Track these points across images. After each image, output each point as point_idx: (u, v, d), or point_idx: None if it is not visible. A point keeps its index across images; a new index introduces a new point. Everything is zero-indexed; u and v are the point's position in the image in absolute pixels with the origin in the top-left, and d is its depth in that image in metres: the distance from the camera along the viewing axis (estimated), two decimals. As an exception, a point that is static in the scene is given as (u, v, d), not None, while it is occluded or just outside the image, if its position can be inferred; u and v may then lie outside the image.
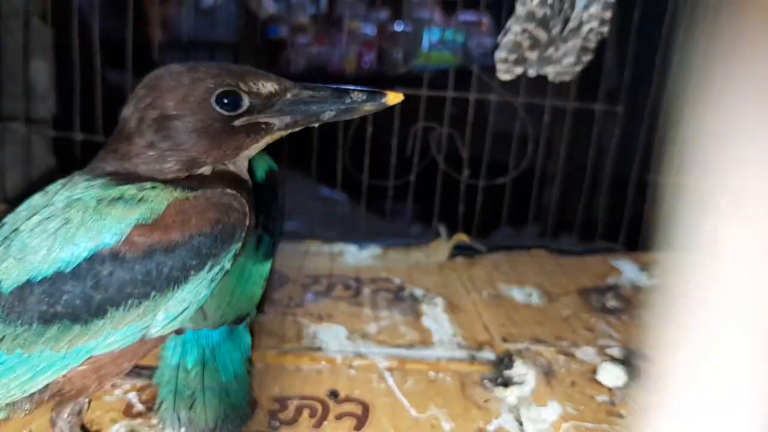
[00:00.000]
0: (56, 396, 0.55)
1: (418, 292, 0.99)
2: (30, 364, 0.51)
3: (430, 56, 1.26)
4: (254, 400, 0.67)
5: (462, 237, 1.15)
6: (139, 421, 0.65)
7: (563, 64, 0.78)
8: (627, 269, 1.12)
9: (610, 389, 0.74)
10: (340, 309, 0.91)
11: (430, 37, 1.49)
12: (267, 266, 0.72)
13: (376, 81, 1.29)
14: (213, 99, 0.56)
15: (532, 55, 0.77)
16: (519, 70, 0.79)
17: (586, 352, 0.82)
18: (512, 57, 0.77)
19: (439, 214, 1.20)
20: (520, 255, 1.17)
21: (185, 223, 0.54)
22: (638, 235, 1.22)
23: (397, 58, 1.58)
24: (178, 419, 0.61)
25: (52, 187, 0.58)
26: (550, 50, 0.77)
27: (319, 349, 0.80)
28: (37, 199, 0.57)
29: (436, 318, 0.91)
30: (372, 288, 0.99)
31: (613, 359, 0.80)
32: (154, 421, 0.64)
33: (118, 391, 0.69)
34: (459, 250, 1.16)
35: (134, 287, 0.52)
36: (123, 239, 0.51)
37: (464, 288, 1.01)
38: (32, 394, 0.53)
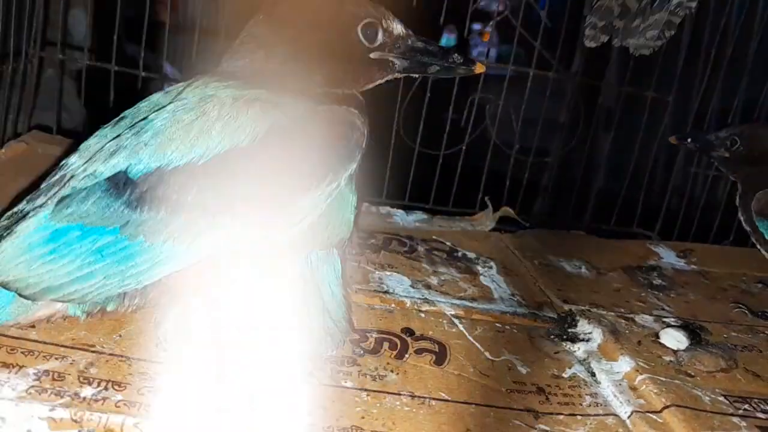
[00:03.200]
0: (167, 294, 0.55)
1: (471, 254, 1.00)
2: (150, 253, 0.51)
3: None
4: (352, 321, 0.68)
5: (508, 210, 1.16)
6: (227, 336, 0.65)
7: (647, 36, 0.80)
8: (665, 254, 1.14)
9: (675, 351, 0.76)
10: (399, 261, 0.92)
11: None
12: (356, 198, 0.72)
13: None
14: (359, 27, 0.57)
15: (620, 24, 0.80)
16: (604, 38, 0.81)
17: (645, 319, 0.84)
18: (601, 23, 0.80)
19: (484, 187, 1.21)
20: (561, 234, 1.19)
21: (315, 133, 0.54)
22: (674, 225, 1.25)
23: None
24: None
25: (173, 88, 0.58)
26: (637, 21, 0.79)
27: (387, 292, 0.81)
28: (158, 96, 0.57)
29: (492, 278, 0.92)
30: (425, 247, 1.00)
31: (673, 326, 0.82)
32: (243, 337, 0.65)
33: (201, 309, 0.69)
34: (501, 224, 1.17)
35: (263, 189, 0.52)
36: (258, 139, 0.52)
37: (515, 255, 1.03)
38: (145, 287, 0.53)
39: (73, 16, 1.47)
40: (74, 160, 0.54)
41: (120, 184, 0.51)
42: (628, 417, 0.63)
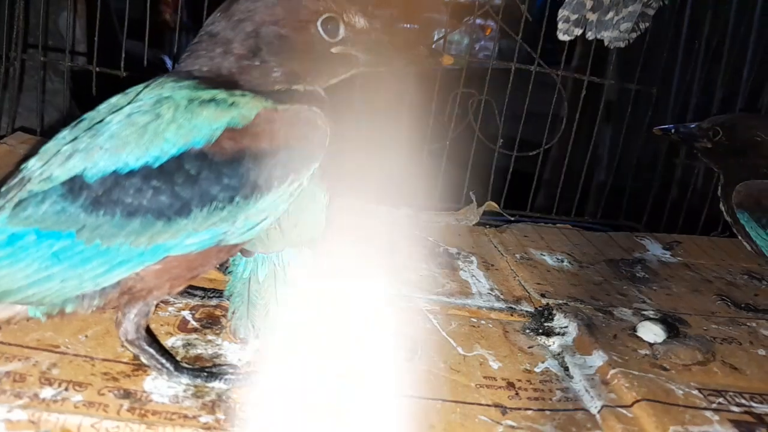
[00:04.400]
0: (126, 294, 0.54)
1: (453, 250, 1.00)
2: (107, 256, 0.51)
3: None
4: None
5: (492, 205, 1.16)
6: (194, 336, 0.65)
7: (621, 28, 0.79)
8: (651, 246, 1.13)
9: (651, 344, 0.76)
10: (379, 257, 0.92)
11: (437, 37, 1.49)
12: (326, 197, 0.72)
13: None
14: (318, 22, 0.57)
15: (593, 17, 0.79)
16: (578, 32, 0.80)
17: (623, 313, 0.84)
18: (574, 17, 0.79)
19: (469, 181, 1.21)
20: (546, 227, 1.18)
21: (274, 133, 0.54)
22: (660, 218, 1.24)
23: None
24: (252, 327, 0.61)
25: (131, 89, 0.58)
26: (611, 14, 0.79)
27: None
28: (117, 98, 0.57)
29: (472, 273, 0.92)
30: (407, 243, 1.00)
31: (651, 318, 0.81)
32: (210, 336, 0.65)
33: (171, 309, 0.69)
34: (486, 218, 1.17)
35: (219, 190, 0.52)
36: (213, 141, 0.52)
37: (496, 250, 1.03)
38: (104, 289, 0.53)
39: (63, 19, 1.48)
40: (33, 163, 0.54)
41: (75, 187, 0.51)
42: (598, 412, 0.63)
